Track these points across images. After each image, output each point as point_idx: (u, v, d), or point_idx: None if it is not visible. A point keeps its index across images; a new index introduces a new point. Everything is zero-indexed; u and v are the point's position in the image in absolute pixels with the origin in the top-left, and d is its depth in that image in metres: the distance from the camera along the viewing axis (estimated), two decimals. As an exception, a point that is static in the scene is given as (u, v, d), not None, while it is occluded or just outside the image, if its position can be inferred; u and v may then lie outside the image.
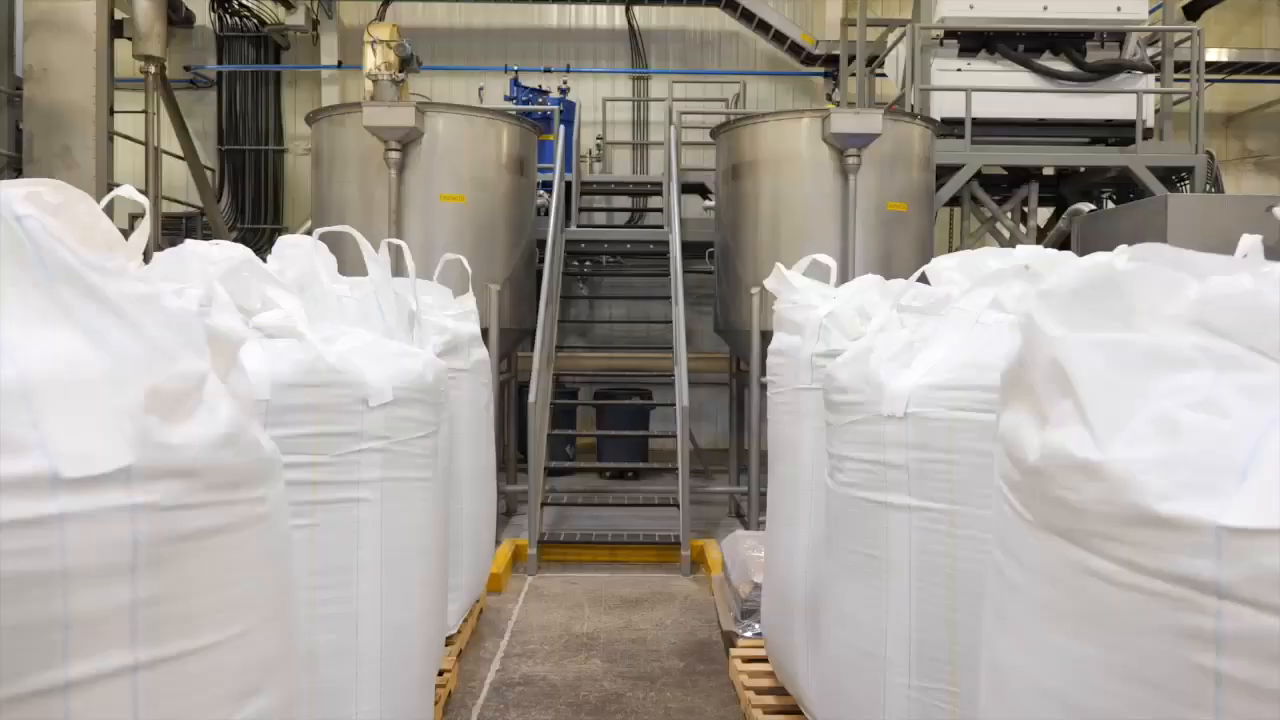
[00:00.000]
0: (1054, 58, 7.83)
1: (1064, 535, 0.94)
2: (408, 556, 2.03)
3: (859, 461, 1.98)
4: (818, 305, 3.12)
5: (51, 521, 0.78)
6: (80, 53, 7.03)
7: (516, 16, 10.71)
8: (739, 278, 6.42)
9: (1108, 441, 0.89)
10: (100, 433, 0.83)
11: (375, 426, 1.91)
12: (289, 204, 10.83)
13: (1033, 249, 2.27)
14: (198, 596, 0.91)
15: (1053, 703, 0.94)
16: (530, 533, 5.61)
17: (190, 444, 0.91)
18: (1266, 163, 12.01)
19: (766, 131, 6.23)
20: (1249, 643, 0.75)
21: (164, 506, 0.87)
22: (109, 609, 0.82)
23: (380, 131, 5.68)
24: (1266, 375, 0.89)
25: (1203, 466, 0.82)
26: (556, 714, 3.48)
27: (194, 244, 2.43)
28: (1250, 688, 0.75)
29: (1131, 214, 6.43)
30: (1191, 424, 0.85)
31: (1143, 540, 0.84)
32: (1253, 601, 0.76)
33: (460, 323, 4.05)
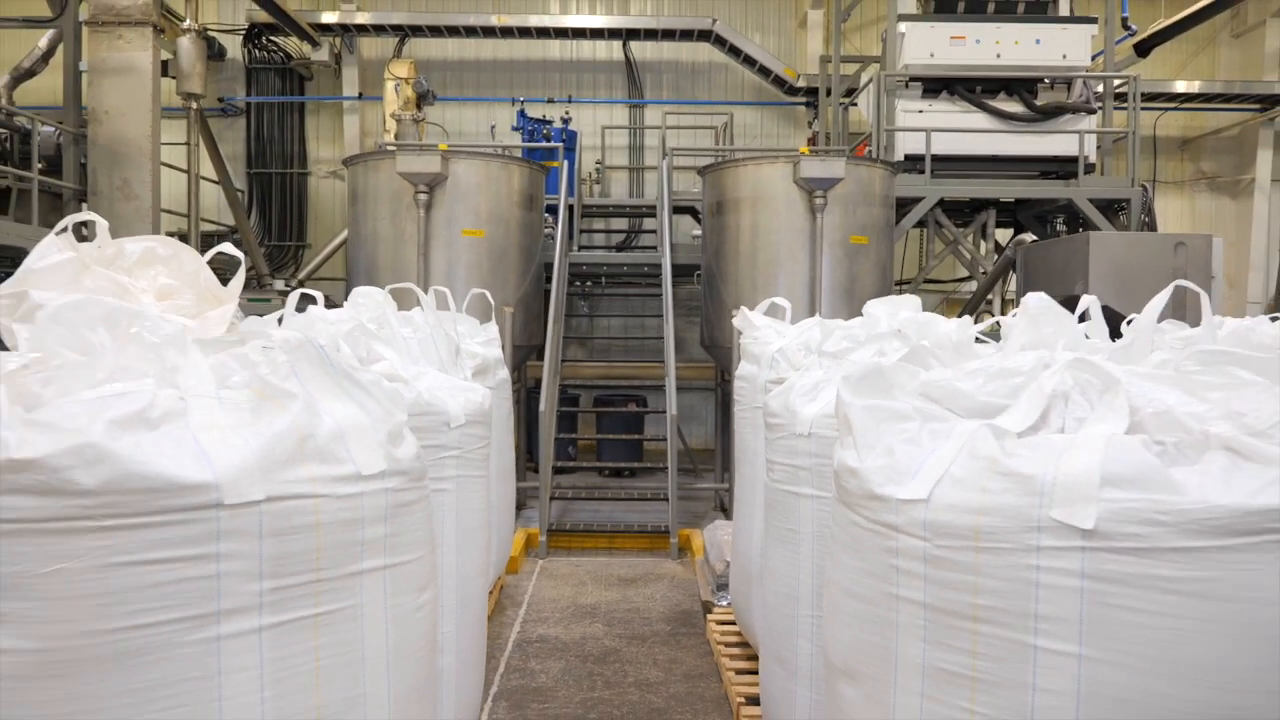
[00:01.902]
0: (1009, 98, 8.73)
1: (846, 504, 1.82)
2: (471, 529, 2.91)
3: (782, 465, 2.87)
4: (772, 341, 4.01)
5: (355, 495, 1.64)
6: (136, 95, 7.88)
7: (522, 50, 11.60)
8: (722, 300, 7.31)
9: (863, 458, 1.76)
10: (372, 453, 1.69)
11: (453, 441, 2.79)
12: (312, 222, 11.72)
13: (914, 315, 3.17)
14: (407, 534, 1.78)
15: (842, 593, 1.82)
16: (540, 523, 6.50)
17: (404, 457, 1.78)
18: (1219, 183, 12.93)
19: (746, 173, 7.12)
20: (908, 552, 1.63)
21: (396, 489, 1.74)
22: (378, 537, 1.69)
23: (410, 176, 6.57)
24: (947, 425, 1.76)
25: (898, 471, 1.69)
26: (567, 663, 4.38)
27: (317, 309, 3.34)
28: (909, 572, 1.63)
29: (1062, 247, 7.33)
30: (900, 450, 1.72)
31: (872, 506, 1.71)
32: (909, 532, 1.63)
33: (487, 349, 4.93)
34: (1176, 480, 1.47)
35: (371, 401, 1.80)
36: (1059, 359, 1.85)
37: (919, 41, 8.47)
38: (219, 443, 1.51)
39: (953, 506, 1.60)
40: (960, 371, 1.96)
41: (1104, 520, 1.45)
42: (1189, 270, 6.54)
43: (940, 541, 1.60)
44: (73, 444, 1.39)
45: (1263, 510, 1.41)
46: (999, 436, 1.66)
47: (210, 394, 1.62)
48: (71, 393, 1.53)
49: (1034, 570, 1.50)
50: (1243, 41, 12.70)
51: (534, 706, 3.87)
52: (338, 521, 1.62)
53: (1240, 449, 1.52)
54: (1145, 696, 1.44)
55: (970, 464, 1.62)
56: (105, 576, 1.40)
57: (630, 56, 11.60)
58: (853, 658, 1.82)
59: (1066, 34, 8.50)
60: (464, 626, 2.77)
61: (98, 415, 1.45)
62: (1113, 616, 1.45)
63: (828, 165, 6.67)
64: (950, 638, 1.60)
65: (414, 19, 10.81)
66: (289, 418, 1.62)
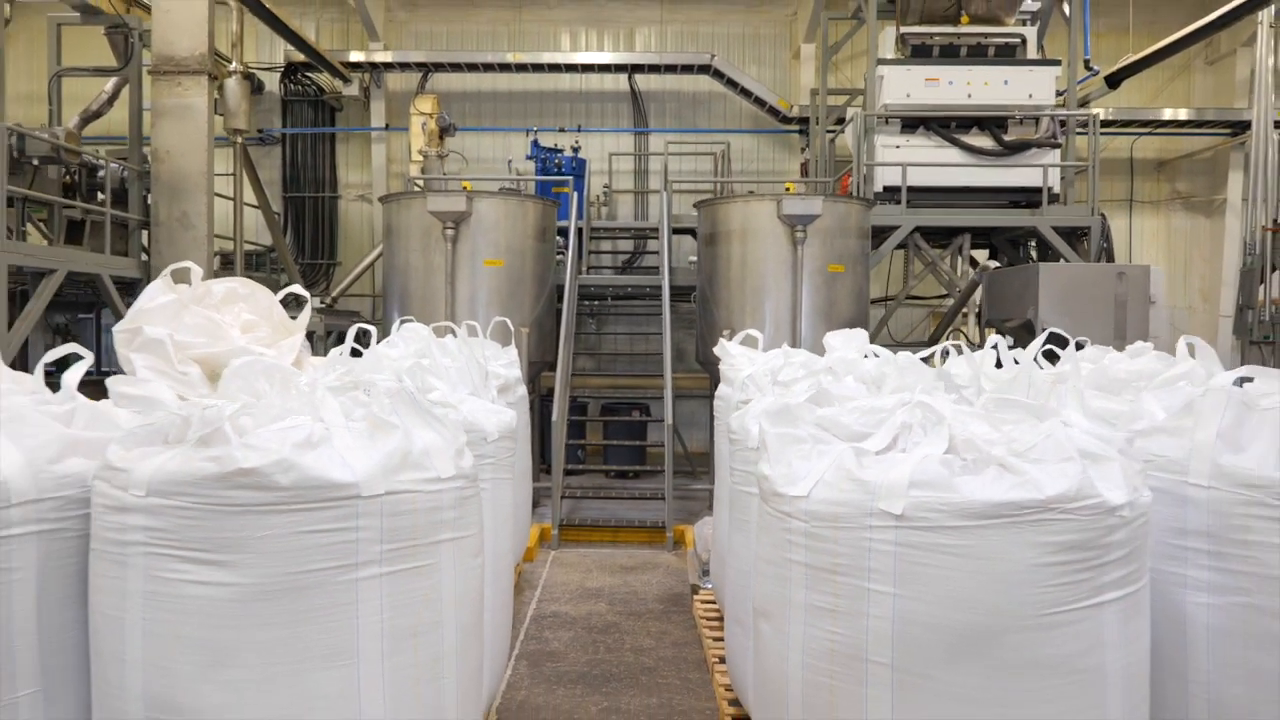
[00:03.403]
0: (980, 133, 9.58)
1: (762, 499, 2.69)
2: (501, 520, 3.78)
3: (739, 471, 3.74)
4: (743, 368, 4.89)
5: (437, 491, 2.51)
6: (193, 136, 8.80)
7: (535, 83, 12.52)
8: (715, 320, 8.19)
9: (773, 469, 2.63)
10: (446, 463, 2.56)
11: (489, 452, 3.66)
12: (342, 242, 12.67)
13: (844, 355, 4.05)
14: (467, 517, 2.63)
15: (761, 560, 2.71)
16: (553, 518, 7.39)
17: (465, 466, 2.66)
18: (1193, 203, 13.71)
19: (736, 208, 8.00)
20: (796, 531, 2.50)
21: (461, 488, 2.60)
22: (450, 519, 2.55)
23: (439, 214, 7.47)
24: (829, 446, 2.62)
25: (793, 477, 2.55)
26: (575, 633, 5.26)
27: (380, 348, 4.24)
28: (796, 544, 2.49)
29: (1018, 275, 8.19)
30: (796, 463, 2.58)
31: (776, 500, 2.57)
32: (796, 517, 2.49)
33: (508, 370, 5.81)
34: (956, 484, 2.34)
35: (444, 429, 2.69)
36: (911, 399, 2.72)
37: (897, 83, 9.34)
38: (355, 458, 2.40)
39: (822, 500, 2.47)
40: (846, 408, 2.84)
41: (908, 509, 2.33)
42: (1129, 297, 7.38)
43: (814, 524, 2.48)
44: (274, 459, 2.28)
45: (1003, 503, 2.28)
46: (858, 455, 2.54)
47: (343, 425, 2.51)
48: (263, 425, 2.42)
49: (868, 541, 2.37)
50: (1216, 68, 13.48)
51: (548, 665, 4.76)
52: (426, 508, 2.50)
53: (1005, 464, 2.40)
54: (932, 619, 2.31)
55: (835, 473, 2.50)
56: (292, 539, 2.28)
57: (635, 88, 12.50)
58: (766, 602, 2.71)
59: (1032, 75, 9.35)
60: (496, 593, 3.66)
61: (285, 440, 2.33)
62: (914, 569, 2.32)
63: (807, 203, 7.55)
64: (820, 585, 2.47)
65: (435, 57, 11.75)
66: (395, 441, 2.50)
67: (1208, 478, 2.73)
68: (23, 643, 2.46)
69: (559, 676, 4.63)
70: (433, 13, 12.67)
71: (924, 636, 2.31)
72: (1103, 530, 2.29)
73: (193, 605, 2.29)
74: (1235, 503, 2.67)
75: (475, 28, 12.75)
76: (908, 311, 12.35)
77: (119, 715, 2.35)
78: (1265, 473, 2.62)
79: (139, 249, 9.00)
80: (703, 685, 4.55)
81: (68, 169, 8.60)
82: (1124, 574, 2.36)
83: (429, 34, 12.72)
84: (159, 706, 2.31)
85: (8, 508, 2.41)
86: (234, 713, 2.29)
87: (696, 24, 12.83)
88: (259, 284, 4.90)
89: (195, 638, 2.29)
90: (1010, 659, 2.28)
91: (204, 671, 2.29)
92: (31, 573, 2.46)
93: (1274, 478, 2.61)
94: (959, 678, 2.30)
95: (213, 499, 2.27)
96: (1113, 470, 2.39)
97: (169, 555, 2.30)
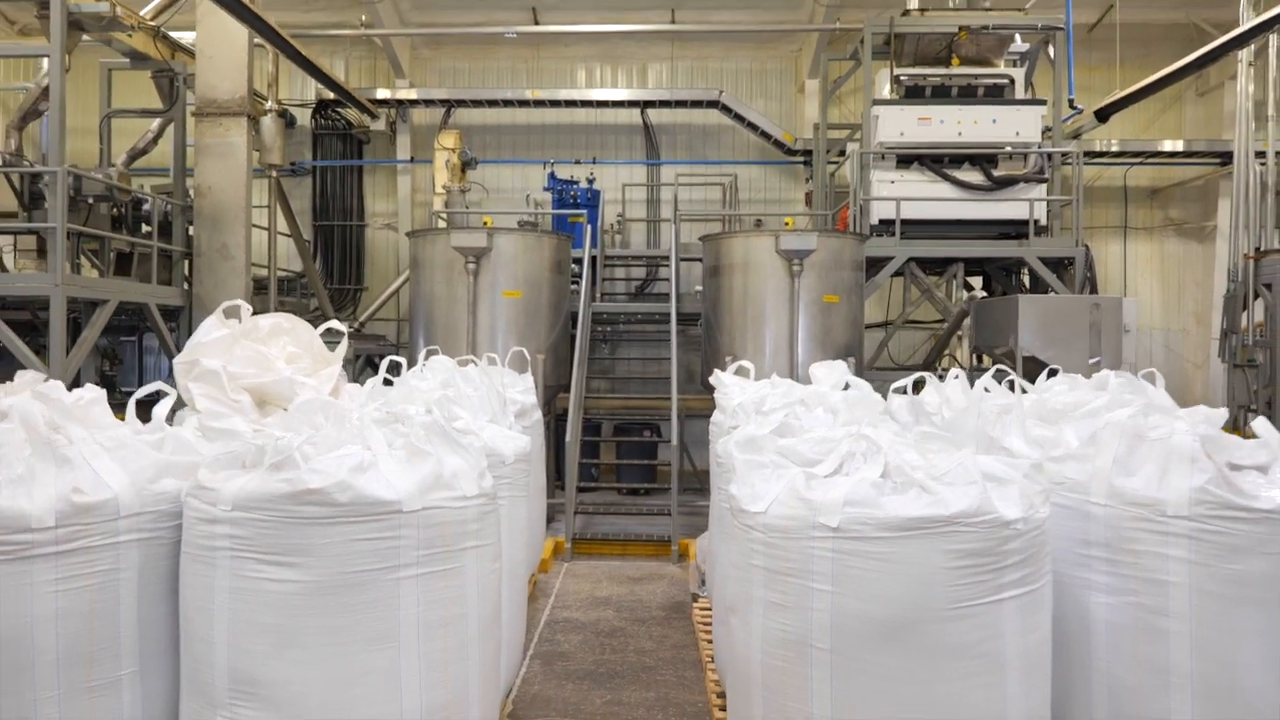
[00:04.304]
0: (971, 168, 10.11)
1: (731, 514, 3.23)
2: (516, 532, 4.34)
3: (722, 490, 4.30)
4: (735, 397, 5.44)
5: (463, 507, 3.06)
6: (233, 173, 9.44)
7: (553, 117, 13.16)
8: (718, 346, 8.74)
9: (740, 489, 3.17)
10: (471, 484, 3.11)
11: (506, 474, 4.22)
12: (368, 268, 13.33)
13: (819, 389, 4.60)
14: (488, 529, 3.17)
15: (729, 564, 3.25)
16: (566, 533, 7.95)
17: (486, 487, 3.20)
18: (1186, 229, 14.16)
19: (738, 243, 8.57)
20: (756, 540, 3.03)
21: (482, 504, 3.14)
22: (474, 530, 3.09)
23: (462, 250, 8.08)
24: (786, 470, 3.16)
25: (755, 497, 3.08)
26: (584, 636, 5.81)
27: (410, 378, 4.82)
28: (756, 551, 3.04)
29: (1001, 305, 8.71)
30: (758, 485, 3.12)
31: (741, 515, 3.11)
32: (757, 530, 3.02)
33: (525, 396, 6.39)
34: (881, 502, 2.89)
35: (469, 455, 3.26)
36: (855, 432, 3.27)
37: (892, 122, 9.90)
38: (398, 480, 2.96)
39: (777, 515, 3.02)
40: (803, 438, 3.39)
41: (843, 522, 2.87)
42: (1103, 326, 7.89)
43: (770, 534, 3.03)
44: (335, 480, 2.85)
45: (917, 518, 2.82)
46: (808, 478, 3.09)
47: (387, 453, 3.08)
48: (323, 453, 2.99)
49: (811, 548, 2.92)
50: (1206, 100, 13.94)
51: (559, 664, 5.32)
52: (455, 521, 3.07)
53: (924, 485, 2.95)
54: (862, 612, 2.84)
55: (787, 493, 3.05)
56: (347, 545, 2.85)
57: (647, 122, 13.11)
58: (734, 599, 3.26)
59: (1020, 114, 9.89)
60: (511, 595, 4.22)
61: (342, 465, 2.90)
62: (847, 572, 2.86)
63: (803, 238, 8.11)
64: (775, 585, 3.02)
65: (457, 94, 12.43)
66: (429, 465, 3.07)
67: (1105, 497, 3.27)
68: (127, 630, 3.05)
69: (569, 674, 5.18)
70: (456, 50, 13.35)
71: (856, 626, 2.85)
72: (1000, 540, 2.83)
73: (267, 598, 2.86)
74: (1126, 519, 3.20)
75: (496, 64, 13.41)
76: (909, 334, 12.86)
77: (208, 686, 2.92)
78: (1150, 493, 3.16)
79: (182, 278, 9.64)
80: (697, 682, 5.09)
81: (117, 205, 9.25)
82: (1021, 575, 2.90)
83: (452, 70, 13.39)
84: (239, 680, 2.88)
85: (117, 519, 3.00)
86: (299, 685, 2.86)
87: (706, 60, 13.44)
88: (301, 319, 5.52)
89: (269, 624, 2.86)
90: (926, 645, 2.82)
91: (276, 651, 2.86)
92: (134, 573, 3.05)
93: (1157, 498, 3.14)
94: (885, 660, 2.84)
95: (285, 513, 2.85)
96: (1011, 491, 2.93)
97: (248, 558, 2.87)
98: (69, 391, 3.66)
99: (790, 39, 13.24)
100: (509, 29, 12.09)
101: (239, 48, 9.41)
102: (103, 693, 2.97)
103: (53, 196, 7.75)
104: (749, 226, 12.67)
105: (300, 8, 12.49)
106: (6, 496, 2.84)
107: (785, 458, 3.29)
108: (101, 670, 2.97)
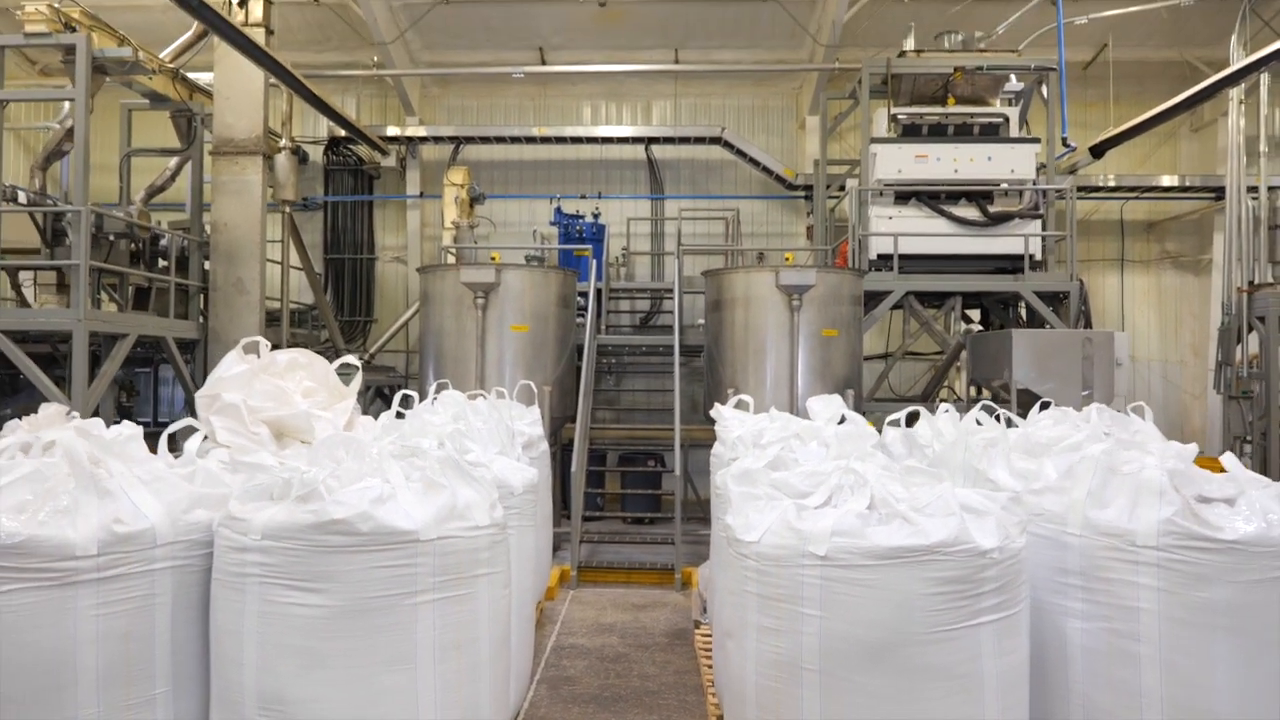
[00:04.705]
0: (968, 205, 10.36)
1: (727, 543, 3.44)
2: (524, 560, 4.55)
3: (720, 521, 4.50)
4: (734, 429, 5.66)
5: (474, 536, 3.27)
6: (249, 210, 9.73)
7: (559, 153, 13.47)
8: (721, 379, 8.95)
9: (735, 519, 3.37)
10: (483, 515, 3.32)
11: (514, 504, 4.43)
12: (378, 300, 13.61)
13: (814, 424, 4.81)
14: (498, 558, 3.39)
15: (725, 590, 3.45)
16: (572, 561, 8.14)
17: (497, 517, 3.41)
18: (1182, 262, 14.37)
19: (739, 278, 8.80)
20: (750, 568, 3.24)
21: (493, 534, 3.36)
22: (485, 559, 3.30)
23: (471, 285, 8.33)
24: (778, 502, 3.37)
25: (749, 526, 3.28)
26: (590, 662, 5.99)
27: (423, 414, 5.04)
28: (749, 578, 3.24)
29: (996, 339, 8.92)
30: (752, 515, 3.33)
31: (736, 544, 3.32)
32: (750, 558, 3.24)
33: (531, 428, 6.60)
34: (866, 532, 3.10)
35: (480, 487, 3.47)
36: (844, 465, 3.48)
37: (889, 159, 10.16)
38: (415, 511, 3.18)
39: (769, 544, 3.23)
40: (795, 472, 3.60)
41: (830, 551, 3.08)
42: (1095, 359, 8.10)
43: (763, 563, 3.23)
44: (357, 512, 3.06)
45: (899, 547, 3.03)
46: (799, 509, 3.30)
47: (404, 485, 3.29)
48: (346, 486, 3.21)
49: (801, 575, 3.12)
50: (1201, 135, 14.21)
51: (565, 688, 5.50)
52: (468, 549, 3.28)
53: (907, 517, 3.15)
54: (849, 635, 3.04)
55: (779, 523, 3.25)
56: (368, 572, 3.06)
57: (652, 157, 13.42)
58: (730, 624, 3.46)
59: (1014, 152, 10.15)
60: (520, 621, 4.42)
61: (363, 497, 3.12)
62: (835, 597, 3.07)
63: (801, 274, 8.34)
64: (768, 610, 3.22)
65: (465, 131, 12.75)
66: (444, 497, 3.29)
67: (1080, 528, 3.48)
68: (161, 652, 3.26)
69: (574, 698, 5.36)
70: (464, 88, 13.68)
71: (843, 649, 3.05)
72: (976, 568, 3.04)
73: (294, 622, 3.07)
74: (1099, 548, 3.41)
75: (504, 101, 13.75)
76: (910, 366, 13.06)
77: (237, 705, 3.13)
78: (1121, 525, 3.36)
79: (198, 312, 9.89)
80: (698, 705, 5.26)
81: (136, 241, 9.53)
82: (998, 601, 3.10)
83: (460, 108, 13.72)
84: (268, 699, 3.09)
85: (153, 548, 3.22)
86: (324, 704, 3.07)
87: (709, 97, 13.77)
88: (316, 354, 5.75)
89: (295, 646, 3.07)
90: (908, 665, 3.02)
91: (302, 672, 3.07)
92: (168, 598, 3.26)
93: (1128, 529, 3.35)
94: (870, 680, 3.04)
95: (310, 542, 3.07)
96: (988, 522, 3.14)
97: (277, 584, 3.09)
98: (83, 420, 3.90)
99: (791, 77, 13.56)
100: (517, 69, 12.44)
101: (255, 89, 9.73)
102: (139, 710, 3.17)
103: (76, 235, 8.02)
104: (751, 260, 12.97)
105: (313, 48, 12.85)
106: (53, 527, 3.05)
107: (778, 490, 3.50)
108: (138, 690, 3.17)
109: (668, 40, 12.93)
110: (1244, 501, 3.39)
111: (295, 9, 11.79)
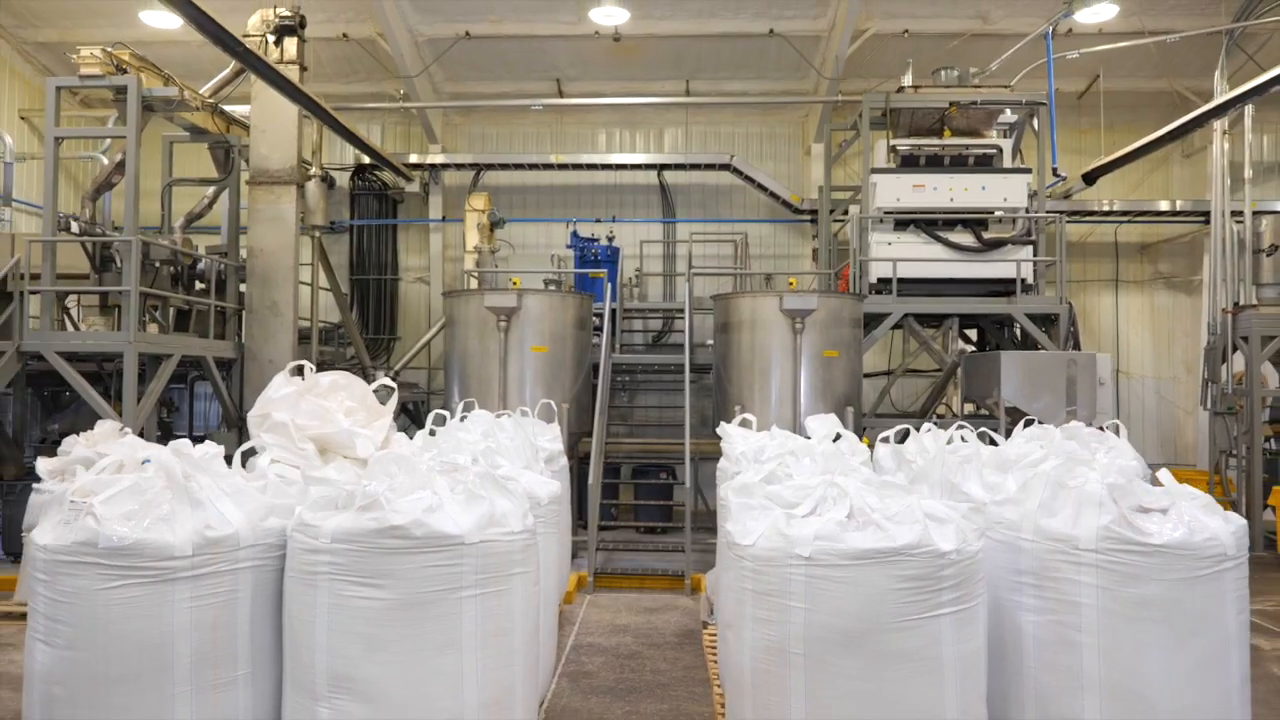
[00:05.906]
0: (963, 231, 10.89)
1: (727, 547, 3.97)
2: (548, 565, 5.10)
3: (723, 527, 5.04)
4: (738, 445, 6.21)
5: (510, 540, 3.82)
6: (283, 236, 10.33)
7: (575, 178, 14.09)
8: (728, 396, 9.51)
9: (734, 526, 3.91)
10: (517, 522, 3.87)
11: (541, 512, 4.98)
12: (402, 319, 14.25)
13: (808, 442, 5.36)
14: (530, 559, 3.97)
15: (726, 589, 3.99)
16: (589, 567, 8.69)
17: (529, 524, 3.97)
18: (1175, 282, 14.85)
19: (745, 302, 9.36)
20: (746, 569, 3.78)
21: (526, 538, 3.90)
22: (520, 560, 3.85)
23: (494, 309, 8.91)
24: (770, 511, 3.91)
25: (746, 532, 3.83)
26: (606, 659, 6.54)
27: (455, 432, 5.61)
28: (745, 577, 3.78)
29: (986, 360, 9.45)
30: (748, 522, 3.87)
31: (735, 548, 3.86)
32: (746, 559, 3.78)
33: (552, 444, 7.15)
34: (844, 537, 3.64)
35: (514, 498, 4.03)
36: (829, 479, 4.03)
37: (888, 188, 10.72)
38: (460, 518, 3.74)
39: (762, 548, 3.77)
40: (786, 485, 4.16)
41: (814, 554, 3.62)
42: (1079, 379, 8.62)
43: (757, 563, 3.78)
44: (412, 519, 3.62)
45: (871, 549, 3.57)
46: (789, 518, 3.84)
47: (450, 497, 3.85)
48: (400, 496, 3.77)
49: (789, 573, 3.67)
50: (1192, 161, 14.70)
51: (584, 681, 6.05)
52: (505, 552, 3.83)
53: (879, 524, 3.70)
54: (829, 625, 3.59)
55: (771, 529, 3.80)
56: (421, 570, 3.61)
57: (664, 183, 14.02)
58: (730, 617, 4.01)
59: (1007, 182, 10.69)
60: (546, 618, 4.98)
61: (417, 507, 3.68)
62: (817, 592, 3.61)
63: (804, 299, 8.89)
64: (761, 604, 3.76)
65: (485, 158, 13.40)
66: (484, 507, 3.84)
67: (1032, 534, 4.02)
68: (241, 639, 3.82)
69: (593, 689, 5.90)
70: (485, 117, 14.32)
71: (824, 636, 3.59)
72: (936, 567, 3.58)
73: (359, 613, 3.63)
74: (1048, 552, 3.94)
75: (523, 129, 14.37)
76: (911, 382, 13.58)
77: (310, 683, 3.69)
78: (1066, 531, 3.90)
79: (235, 333, 10.50)
80: (705, 696, 5.80)
81: (177, 265, 10.15)
82: (956, 596, 3.63)
83: (481, 135, 14.36)
84: (336, 678, 3.64)
85: (236, 550, 3.79)
86: (384, 682, 3.62)
87: (718, 125, 14.36)
88: (355, 376, 6.33)
89: (360, 633, 3.63)
90: (879, 650, 3.56)
91: (366, 655, 3.62)
92: (247, 593, 3.83)
93: (1072, 534, 3.88)
94: (847, 663, 3.58)
95: (372, 544, 3.63)
96: (949, 529, 3.68)
97: (344, 580, 3.65)
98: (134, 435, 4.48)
99: (797, 107, 14.14)
100: (535, 101, 13.06)
101: (289, 122, 10.35)
102: (224, 689, 3.74)
103: (127, 262, 8.64)
104: (759, 282, 13.54)
105: (341, 80, 13.50)
106: (156, 532, 3.62)
107: (771, 501, 4.05)
108: (224, 671, 3.73)
109: (679, 72, 13.53)
110: (1174, 511, 3.92)
111: (326, 44, 12.42)
